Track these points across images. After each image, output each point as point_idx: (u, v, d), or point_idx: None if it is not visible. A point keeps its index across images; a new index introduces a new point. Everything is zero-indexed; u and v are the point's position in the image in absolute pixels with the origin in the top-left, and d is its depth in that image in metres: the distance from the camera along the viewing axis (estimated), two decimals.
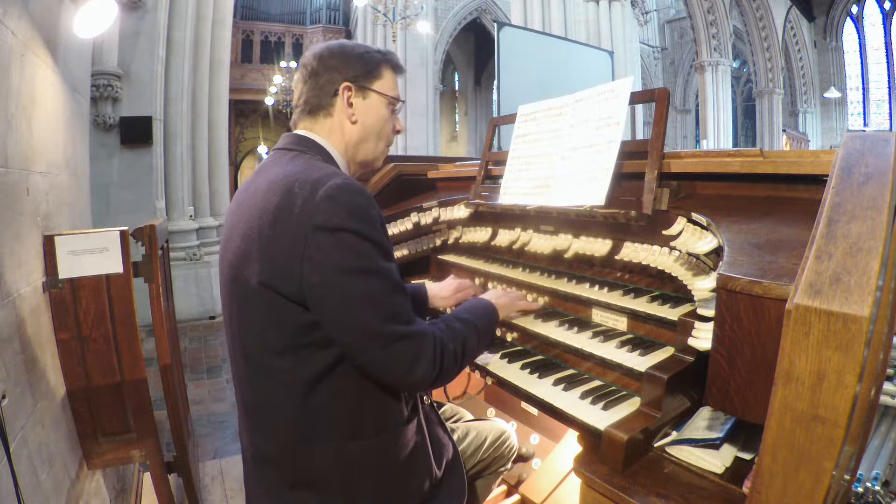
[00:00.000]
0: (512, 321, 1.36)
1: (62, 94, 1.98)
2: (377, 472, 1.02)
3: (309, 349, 0.95)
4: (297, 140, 1.12)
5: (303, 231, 0.90)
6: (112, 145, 5.24)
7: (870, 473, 1.07)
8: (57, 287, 1.68)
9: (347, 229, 0.90)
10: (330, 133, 1.14)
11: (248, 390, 1.04)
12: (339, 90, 1.12)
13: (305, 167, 1.00)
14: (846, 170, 0.78)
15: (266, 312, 0.95)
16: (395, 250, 1.85)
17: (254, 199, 0.99)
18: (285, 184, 0.95)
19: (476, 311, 1.20)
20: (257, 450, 1.05)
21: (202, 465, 2.66)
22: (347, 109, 1.13)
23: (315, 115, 1.14)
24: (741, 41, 16.81)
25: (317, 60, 1.13)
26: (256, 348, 1.00)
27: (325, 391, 0.97)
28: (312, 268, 0.90)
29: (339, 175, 0.97)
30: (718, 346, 0.83)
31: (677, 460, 0.91)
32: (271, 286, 0.93)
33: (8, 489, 1.19)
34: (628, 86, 1.33)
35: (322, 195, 0.91)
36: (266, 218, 0.95)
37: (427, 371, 0.96)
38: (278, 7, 17.90)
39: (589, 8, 8.87)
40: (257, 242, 0.95)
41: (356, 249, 0.91)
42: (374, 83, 1.16)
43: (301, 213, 0.91)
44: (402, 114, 1.29)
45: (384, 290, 0.93)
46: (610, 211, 1.27)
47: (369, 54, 1.16)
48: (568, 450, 1.58)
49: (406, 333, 0.95)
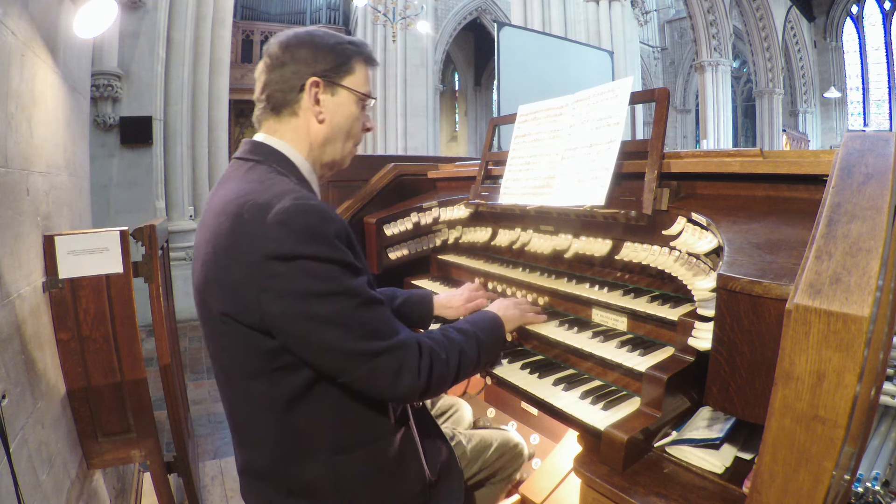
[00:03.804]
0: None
1: (62, 94, 1.98)
2: (370, 480, 1.01)
3: (281, 371, 0.92)
4: (253, 148, 1.04)
5: (256, 261, 0.85)
6: (112, 145, 5.24)
7: (870, 473, 1.07)
8: (57, 287, 1.68)
9: (302, 256, 0.85)
10: (295, 135, 1.06)
11: (232, 409, 1.03)
12: (306, 86, 1.03)
13: (257, 185, 0.94)
14: (846, 170, 0.78)
15: (233, 339, 0.93)
16: (395, 250, 1.86)
17: (211, 222, 0.95)
18: (236, 207, 0.90)
19: (480, 322, 1.16)
20: (248, 463, 1.05)
21: (202, 465, 2.66)
22: (314, 107, 1.05)
23: (279, 113, 1.05)
24: (741, 41, 16.80)
25: (282, 50, 1.04)
26: (232, 371, 0.98)
27: (305, 409, 0.95)
28: (271, 298, 0.85)
29: (290, 194, 0.89)
30: (718, 346, 0.83)
31: (677, 460, 0.91)
32: (232, 316, 0.90)
33: (8, 489, 1.19)
34: (628, 86, 1.32)
35: (271, 221, 0.85)
36: (220, 244, 0.90)
37: (411, 383, 0.93)
38: (278, 7, 17.91)
39: (589, 8, 8.87)
40: (215, 271, 0.92)
41: (314, 274, 0.86)
42: (345, 78, 1.07)
43: (252, 241, 0.86)
44: (401, 114, 1.27)
45: (353, 309, 0.88)
46: (610, 211, 1.27)
47: (341, 46, 1.07)
48: (568, 450, 1.57)
49: (385, 348, 0.91)
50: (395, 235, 1.84)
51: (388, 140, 11.57)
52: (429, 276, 1.94)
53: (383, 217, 1.83)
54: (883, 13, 17.53)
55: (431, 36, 12.50)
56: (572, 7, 8.82)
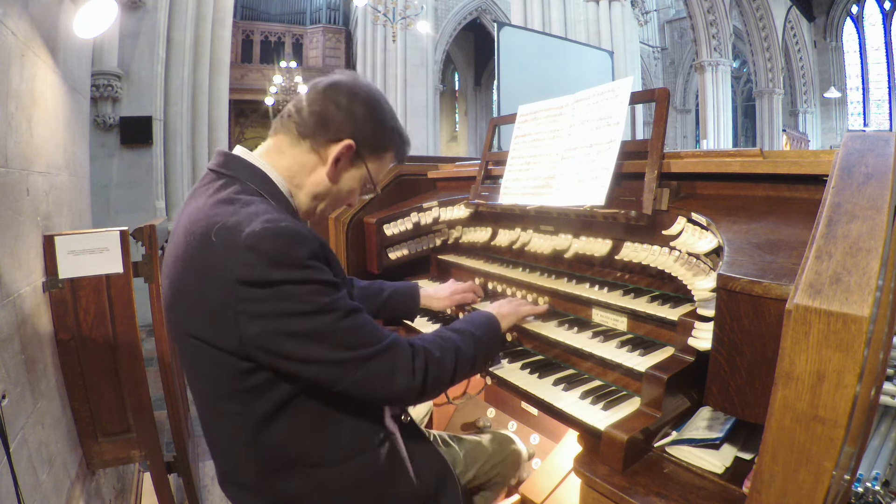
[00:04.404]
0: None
1: (62, 94, 1.98)
2: (355, 494, 1.00)
3: (253, 392, 0.91)
4: (227, 162, 1.00)
5: (229, 286, 0.83)
6: (112, 145, 5.24)
7: (870, 473, 1.07)
8: (57, 287, 1.68)
9: (274, 281, 0.83)
10: (296, 166, 1.02)
11: (207, 427, 1.03)
12: (342, 141, 1.00)
13: (227, 205, 0.90)
14: (846, 170, 0.78)
15: (204, 362, 0.92)
16: (395, 250, 1.86)
17: (179, 240, 0.92)
18: (203, 228, 0.87)
19: (474, 320, 1.16)
20: (227, 476, 1.04)
21: (202, 465, 2.66)
22: (332, 165, 1.01)
23: (303, 138, 1.01)
24: (741, 41, 16.81)
25: (347, 96, 1.01)
26: (204, 392, 0.97)
27: (280, 427, 0.94)
28: (247, 319, 0.84)
29: (260, 216, 0.85)
30: (718, 346, 0.83)
31: (677, 460, 0.91)
32: (203, 340, 0.89)
33: (8, 489, 1.19)
34: (628, 86, 1.32)
35: (241, 246, 0.82)
36: (189, 267, 0.88)
37: (407, 383, 0.92)
38: (278, 7, 17.93)
39: (589, 8, 8.88)
40: (184, 293, 0.90)
41: (289, 296, 0.84)
42: (372, 160, 1.06)
43: (223, 266, 0.83)
44: (401, 114, 1.27)
45: (335, 322, 0.87)
46: (610, 211, 1.27)
47: (393, 132, 1.07)
48: (568, 450, 1.57)
49: (374, 353, 0.90)
50: (395, 235, 1.84)
51: None
52: (429, 276, 1.94)
53: (383, 217, 1.83)
54: (883, 13, 17.54)
55: (431, 36, 12.50)
56: (572, 7, 8.84)
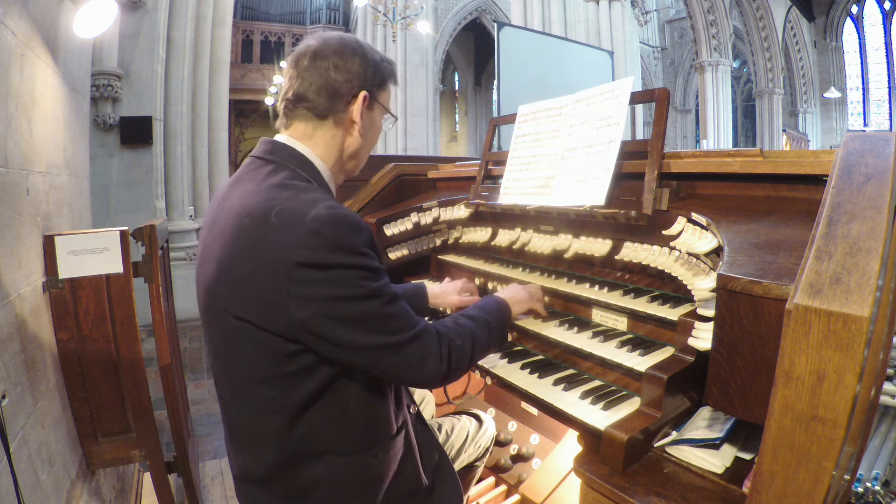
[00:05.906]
0: (513, 322, 1.35)
1: (62, 94, 1.98)
2: (367, 483, 1.01)
3: (295, 377, 0.92)
4: (273, 149, 1.01)
5: (285, 268, 0.85)
6: (112, 145, 5.23)
7: (870, 473, 1.07)
8: (57, 287, 1.68)
9: (335, 265, 0.86)
10: (329, 143, 1.05)
11: (234, 415, 1.03)
12: (358, 98, 1.03)
13: (283, 190, 0.92)
14: (846, 170, 0.78)
15: (247, 344, 0.92)
16: (395, 250, 1.86)
17: (229, 221, 0.93)
18: (262, 212, 0.88)
19: (488, 306, 1.19)
20: (244, 470, 1.04)
21: (202, 465, 2.66)
22: (359, 121, 1.04)
23: (324, 118, 1.03)
24: (741, 41, 16.80)
25: (337, 56, 1.01)
26: (239, 376, 0.97)
27: (313, 415, 0.95)
28: (300, 304, 0.86)
29: (321, 203, 0.88)
30: (718, 346, 0.83)
31: (677, 460, 0.91)
32: (251, 322, 0.89)
33: (8, 489, 1.19)
34: (628, 86, 1.33)
35: (305, 228, 0.85)
36: (241, 248, 0.89)
37: (435, 367, 0.97)
38: (278, 7, 17.92)
39: (589, 8, 8.88)
40: (233, 275, 0.90)
41: (345, 281, 0.87)
42: (381, 95, 1.09)
43: (281, 248, 0.85)
44: (402, 114, 1.28)
45: (380, 307, 0.91)
46: (610, 211, 1.27)
47: (384, 63, 1.08)
48: (568, 450, 1.58)
49: (410, 338, 0.94)
50: (396, 235, 1.84)
51: (388, 140, 11.56)
52: (429, 276, 1.94)
53: (383, 217, 1.83)
54: (883, 13, 17.53)
55: (431, 36, 12.50)
56: (572, 7, 8.83)
